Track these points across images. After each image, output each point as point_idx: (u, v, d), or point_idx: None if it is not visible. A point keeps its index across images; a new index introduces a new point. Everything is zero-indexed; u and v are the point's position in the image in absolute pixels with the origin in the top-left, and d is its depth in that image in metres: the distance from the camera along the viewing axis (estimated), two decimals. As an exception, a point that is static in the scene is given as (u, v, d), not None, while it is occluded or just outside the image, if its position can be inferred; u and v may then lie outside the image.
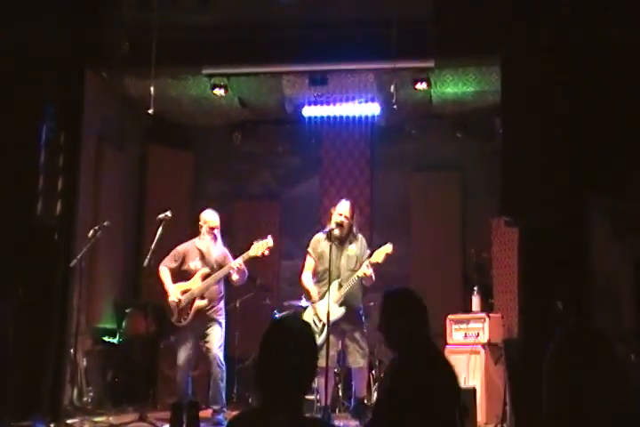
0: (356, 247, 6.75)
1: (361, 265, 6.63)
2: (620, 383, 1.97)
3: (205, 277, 6.90)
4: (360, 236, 6.86)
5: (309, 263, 6.89)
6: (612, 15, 5.76)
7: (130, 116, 9.08)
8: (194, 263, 6.99)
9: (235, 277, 6.90)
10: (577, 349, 2.01)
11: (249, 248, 6.85)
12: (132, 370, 8.04)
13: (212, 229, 7.03)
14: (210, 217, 7.07)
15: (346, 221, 6.69)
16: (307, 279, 6.85)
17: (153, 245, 6.78)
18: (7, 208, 6.49)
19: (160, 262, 7.02)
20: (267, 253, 6.88)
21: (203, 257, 7.00)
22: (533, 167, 5.84)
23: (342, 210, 6.73)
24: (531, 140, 5.88)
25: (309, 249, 6.89)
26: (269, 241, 6.84)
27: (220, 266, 6.96)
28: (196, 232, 7.15)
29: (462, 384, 6.79)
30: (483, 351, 7.25)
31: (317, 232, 6.97)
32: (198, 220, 7.13)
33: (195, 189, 9.73)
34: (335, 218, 6.68)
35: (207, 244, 7.04)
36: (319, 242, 6.80)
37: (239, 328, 8.04)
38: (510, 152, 6.01)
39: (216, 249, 7.05)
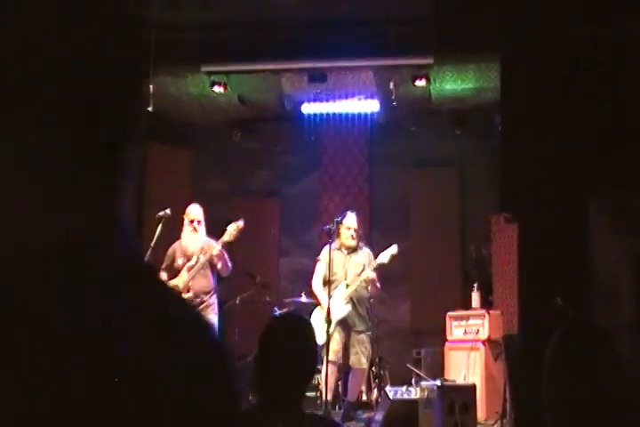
0: (363, 257, 7.02)
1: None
2: (621, 381, 1.97)
3: (190, 269, 6.94)
4: (367, 250, 7.13)
5: (319, 270, 7.08)
6: (613, 15, 5.75)
7: (129, 114, 9.07)
8: (180, 260, 7.04)
9: (218, 265, 6.94)
10: (578, 346, 2.01)
11: (223, 233, 6.90)
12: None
13: (191, 221, 7.06)
14: (190, 210, 7.12)
15: (355, 234, 6.99)
16: (318, 287, 7.05)
17: (152, 243, 6.78)
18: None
19: (161, 260, 7.06)
20: (238, 235, 6.89)
21: (186, 253, 7.04)
22: (533, 164, 5.85)
23: (351, 223, 7.01)
24: (530, 137, 5.88)
25: (320, 257, 7.10)
26: (240, 223, 6.89)
27: (205, 255, 6.99)
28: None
29: (462, 381, 6.86)
30: (482, 348, 7.27)
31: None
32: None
33: (194, 187, 9.73)
34: (346, 233, 6.95)
35: (186, 237, 7.07)
36: (328, 252, 6.89)
37: (239, 325, 8.05)
38: (510, 149, 6.01)
39: (195, 242, 7.05)
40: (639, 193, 5.54)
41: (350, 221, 7.02)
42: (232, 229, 6.86)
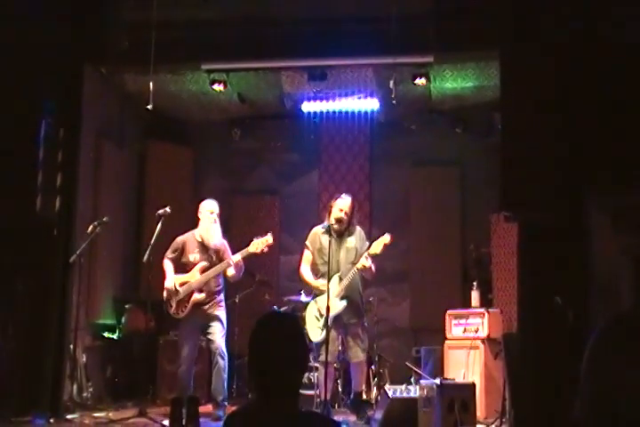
0: (355, 239, 6.74)
1: (360, 257, 6.61)
2: None
3: (204, 270, 6.89)
4: (358, 228, 6.85)
5: (307, 257, 6.87)
6: (613, 15, 5.75)
7: (129, 112, 9.08)
8: (193, 255, 6.98)
9: (231, 272, 6.89)
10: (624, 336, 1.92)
11: (249, 244, 6.84)
12: (131, 366, 8.05)
13: (212, 212, 7.00)
14: (208, 204, 7.07)
15: (345, 218, 6.68)
16: (306, 273, 6.83)
17: (152, 241, 6.79)
18: (6, 204, 6.49)
19: (160, 257, 7.03)
20: (266, 250, 6.87)
21: (202, 248, 6.98)
22: (533, 163, 5.84)
23: (343, 206, 6.70)
24: (530, 135, 5.88)
25: (307, 242, 6.87)
26: (269, 238, 6.82)
27: (219, 257, 6.94)
28: (196, 225, 7.14)
29: (462, 379, 6.85)
30: (482, 346, 7.26)
31: (315, 226, 6.97)
32: (198, 213, 7.13)
33: (194, 185, 9.73)
34: (335, 213, 6.66)
35: (206, 229, 6.98)
36: (317, 236, 6.78)
37: (238, 324, 8.05)
38: (509, 147, 6.00)
39: (215, 235, 7.01)
40: (639, 193, 5.54)
41: (343, 202, 6.70)
42: (260, 243, 6.80)
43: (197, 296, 6.86)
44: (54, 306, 6.80)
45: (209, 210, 7.02)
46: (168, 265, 7.00)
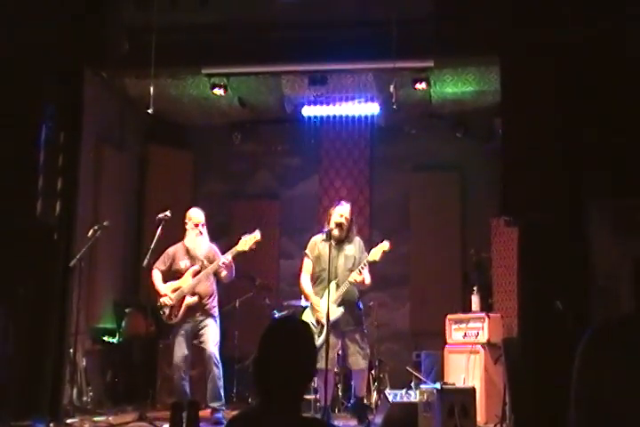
0: (354, 248, 6.75)
1: (359, 265, 6.61)
2: None
3: (196, 274, 6.92)
4: (357, 238, 6.87)
5: (307, 266, 6.87)
6: (612, 16, 5.76)
7: (129, 116, 9.08)
8: (183, 262, 7.03)
9: (223, 273, 6.92)
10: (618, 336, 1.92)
11: (237, 243, 6.85)
12: (131, 370, 8.05)
13: (196, 225, 7.05)
14: (193, 214, 7.11)
15: (345, 223, 6.70)
16: (305, 283, 6.82)
17: (152, 245, 6.80)
18: (7, 208, 6.49)
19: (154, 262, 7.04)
20: (254, 247, 6.87)
21: (190, 255, 7.03)
22: (533, 166, 5.85)
23: (343, 211, 6.74)
24: (530, 139, 5.88)
25: (307, 251, 6.88)
26: (257, 235, 6.83)
27: (210, 260, 6.97)
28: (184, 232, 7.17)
29: (462, 384, 6.84)
30: (482, 351, 7.25)
31: (316, 233, 6.98)
32: (185, 220, 7.16)
33: (194, 189, 9.74)
34: (335, 219, 6.68)
35: (193, 240, 7.06)
36: (316, 244, 6.80)
37: (239, 328, 8.05)
38: (510, 152, 6.01)
39: (202, 245, 7.07)
40: (639, 193, 5.54)
41: (343, 209, 6.75)
42: (249, 240, 6.81)
43: (190, 300, 6.87)
44: (54, 310, 6.79)
45: (194, 222, 7.07)
46: (156, 275, 7.05)
